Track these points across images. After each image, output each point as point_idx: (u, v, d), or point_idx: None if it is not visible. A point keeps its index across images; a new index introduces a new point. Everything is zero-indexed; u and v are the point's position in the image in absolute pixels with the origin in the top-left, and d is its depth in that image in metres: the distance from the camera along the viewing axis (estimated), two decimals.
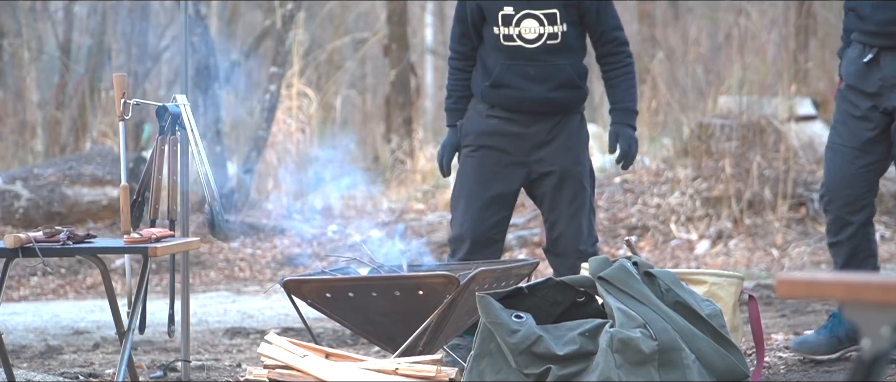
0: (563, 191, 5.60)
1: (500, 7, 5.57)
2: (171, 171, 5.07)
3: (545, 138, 5.61)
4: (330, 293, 4.89)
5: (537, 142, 5.61)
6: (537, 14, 5.56)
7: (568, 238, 5.61)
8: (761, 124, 11.46)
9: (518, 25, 5.57)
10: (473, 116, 5.69)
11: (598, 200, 11.63)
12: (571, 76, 5.60)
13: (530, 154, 5.62)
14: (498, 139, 5.62)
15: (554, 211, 5.62)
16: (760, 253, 10.63)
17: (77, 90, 14.71)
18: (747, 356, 5.33)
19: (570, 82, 5.60)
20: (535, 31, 5.57)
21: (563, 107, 5.62)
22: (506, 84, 5.59)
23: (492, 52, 5.62)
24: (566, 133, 5.62)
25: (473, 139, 5.66)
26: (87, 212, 11.37)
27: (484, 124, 5.65)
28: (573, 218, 5.60)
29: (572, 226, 5.59)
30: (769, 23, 13.35)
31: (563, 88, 5.59)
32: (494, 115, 5.63)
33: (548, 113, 5.61)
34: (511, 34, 5.57)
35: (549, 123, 5.61)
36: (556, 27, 5.56)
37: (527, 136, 5.61)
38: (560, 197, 5.61)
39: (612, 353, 4.12)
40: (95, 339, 7.45)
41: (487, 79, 5.61)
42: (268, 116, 12.85)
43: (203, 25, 12.30)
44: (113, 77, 5.15)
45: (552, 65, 5.57)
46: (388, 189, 14.08)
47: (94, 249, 4.74)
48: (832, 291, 2.67)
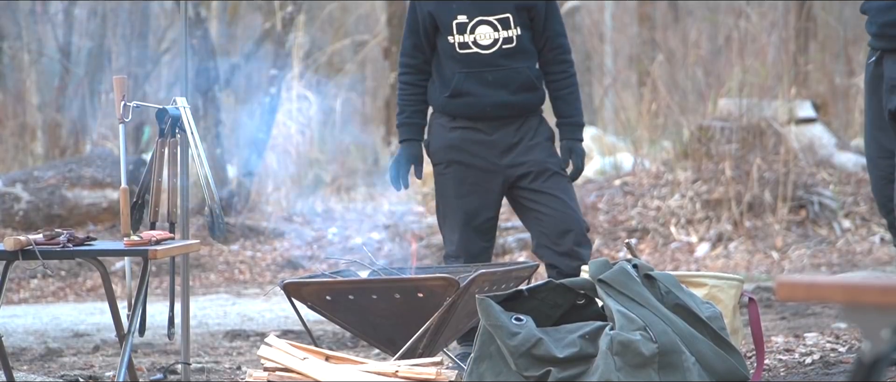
0: (547, 181, 5.62)
1: (454, 16, 5.61)
2: (171, 174, 5.07)
3: (511, 141, 5.64)
4: (330, 295, 4.89)
5: (504, 147, 5.64)
6: (491, 20, 5.61)
7: (564, 220, 5.59)
8: (761, 127, 11.46)
9: (473, 32, 5.61)
10: (437, 131, 5.71)
11: (597, 202, 11.63)
12: (530, 78, 5.65)
13: (501, 159, 5.64)
14: (466, 151, 5.64)
15: (540, 202, 5.62)
16: (760, 255, 10.63)
17: (77, 93, 14.72)
18: (747, 358, 5.33)
19: (528, 85, 5.64)
20: (490, 37, 5.61)
21: (523, 109, 5.66)
22: (465, 92, 5.62)
23: (448, 62, 5.64)
24: (530, 133, 5.67)
25: (443, 155, 5.69)
26: (87, 215, 11.37)
27: (449, 138, 5.67)
28: (564, 203, 5.60)
29: (567, 208, 5.60)
30: (769, 25, 13.35)
31: (522, 91, 5.64)
32: (458, 126, 5.66)
33: (510, 117, 5.65)
34: (466, 42, 5.61)
35: (512, 127, 5.65)
36: (510, 31, 5.60)
37: (493, 143, 5.64)
38: (545, 187, 5.61)
39: (612, 356, 4.12)
40: (95, 342, 7.45)
41: (446, 89, 5.64)
42: (268, 119, 12.85)
43: (203, 28, 12.30)
44: (113, 79, 5.15)
45: (510, 70, 5.61)
46: (388, 191, 14.08)
47: (94, 251, 4.74)
48: (832, 294, 2.67)
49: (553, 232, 5.59)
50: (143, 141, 13.41)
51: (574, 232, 5.57)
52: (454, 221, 5.66)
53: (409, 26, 5.72)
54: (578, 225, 5.59)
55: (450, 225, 5.68)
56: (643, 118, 13.12)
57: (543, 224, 5.61)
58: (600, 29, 18.40)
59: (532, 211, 5.64)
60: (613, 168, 12.69)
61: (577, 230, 5.57)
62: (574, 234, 5.56)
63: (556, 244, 5.57)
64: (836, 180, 11.51)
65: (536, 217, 5.63)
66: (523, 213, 5.70)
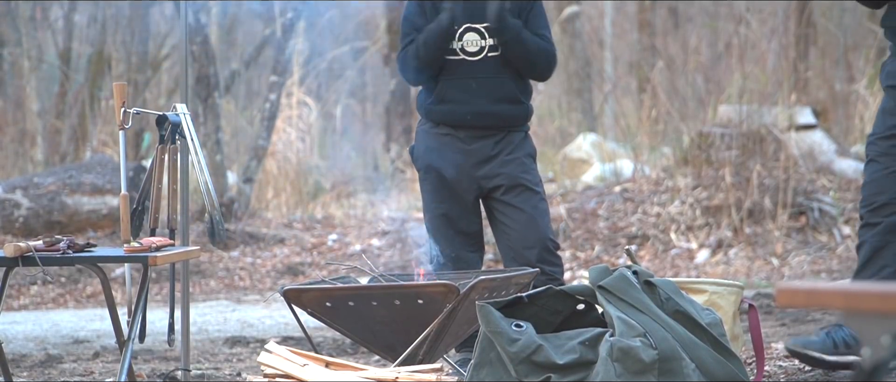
0: (518, 196, 5.61)
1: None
2: (171, 180, 5.08)
3: (489, 153, 5.64)
4: (330, 302, 4.89)
5: (480, 158, 5.63)
6: (478, 27, 5.62)
7: (528, 234, 5.57)
8: (761, 133, 11.46)
9: (461, 39, 5.62)
10: (421, 137, 5.74)
11: (597, 209, 11.63)
12: (513, 91, 5.64)
13: (476, 170, 5.63)
14: (443, 158, 5.64)
15: (507, 215, 5.62)
16: (760, 262, 10.63)
17: (77, 99, 14.72)
18: (747, 365, 5.33)
19: (511, 96, 5.64)
20: (476, 44, 5.62)
21: (504, 121, 5.64)
22: (449, 99, 5.63)
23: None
24: (509, 148, 5.65)
25: (423, 161, 5.71)
26: (87, 221, 11.37)
27: (430, 144, 5.67)
28: (531, 217, 5.58)
29: (533, 222, 5.57)
30: (769, 32, 13.36)
31: (504, 102, 5.63)
32: (439, 133, 5.67)
33: (490, 127, 5.64)
34: (454, 48, 5.62)
35: (492, 139, 5.64)
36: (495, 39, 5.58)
37: (470, 153, 5.63)
38: (515, 201, 5.61)
39: (612, 362, 4.12)
40: (95, 348, 7.44)
41: (431, 95, 5.66)
42: (268, 125, 12.86)
43: (203, 34, 12.30)
44: (113, 86, 5.16)
45: (494, 79, 5.61)
46: (388, 198, 14.08)
47: (94, 258, 4.74)
48: (832, 300, 2.67)
49: (518, 245, 5.59)
50: (143, 147, 13.41)
51: (538, 247, 5.56)
52: (433, 226, 5.68)
53: (411, 25, 5.67)
54: (543, 239, 5.57)
55: (430, 229, 5.70)
56: (643, 124, 13.12)
57: (509, 237, 5.62)
58: (600, 35, 18.41)
59: (500, 223, 5.66)
60: (613, 174, 12.68)
61: (540, 245, 5.56)
62: (538, 250, 5.55)
63: (521, 257, 5.57)
64: (836, 187, 11.52)
65: (503, 230, 5.64)
66: (493, 225, 5.71)
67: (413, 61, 5.61)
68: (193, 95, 12.12)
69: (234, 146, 15.02)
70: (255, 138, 13.06)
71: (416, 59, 5.60)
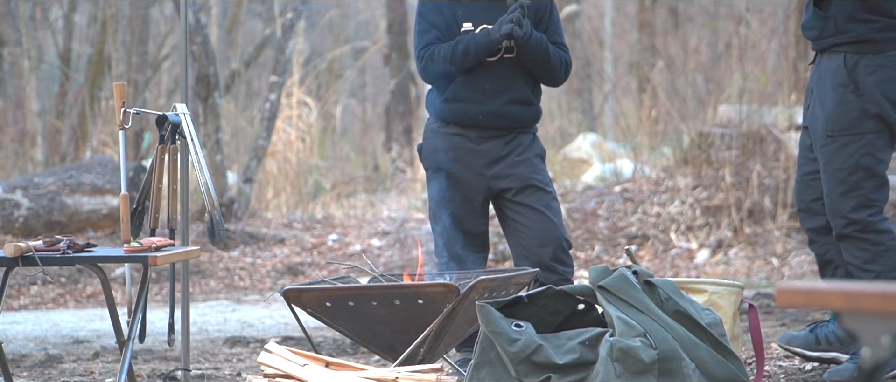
0: (530, 196, 5.60)
1: (460, 23, 5.60)
2: (171, 180, 5.08)
3: (499, 154, 5.62)
4: (330, 302, 4.89)
5: (491, 159, 5.62)
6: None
7: (542, 233, 5.56)
8: (761, 133, 11.46)
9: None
10: (429, 136, 5.71)
11: (597, 209, 11.63)
12: (526, 92, 5.63)
13: (486, 170, 5.62)
14: (453, 158, 5.63)
15: (520, 214, 5.61)
16: (760, 262, 10.63)
17: (77, 99, 14.72)
18: (747, 365, 5.33)
19: (523, 98, 5.63)
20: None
21: (515, 122, 5.64)
22: (461, 98, 5.61)
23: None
24: (519, 149, 5.64)
25: (432, 160, 5.68)
26: (87, 221, 11.37)
27: (439, 144, 5.65)
28: (545, 216, 5.57)
29: (547, 221, 5.57)
30: (769, 32, 13.36)
31: (516, 103, 5.62)
32: (449, 133, 5.65)
33: (501, 128, 5.62)
34: None
35: (502, 140, 5.63)
36: (512, 41, 5.57)
37: (480, 153, 5.62)
38: (527, 200, 5.60)
39: (612, 362, 4.12)
40: (95, 348, 7.44)
41: (443, 94, 5.63)
42: (268, 125, 12.86)
43: (203, 34, 12.30)
44: (113, 86, 5.16)
45: (507, 80, 5.60)
46: (388, 197, 14.09)
47: (94, 258, 4.74)
48: (832, 300, 2.67)
49: (531, 243, 5.57)
50: (143, 147, 13.41)
51: (552, 245, 5.55)
52: (439, 226, 5.67)
53: (429, 22, 5.65)
54: (558, 238, 5.57)
55: (436, 229, 5.69)
56: (643, 124, 13.12)
57: (523, 236, 5.60)
58: (600, 35, 18.41)
59: (513, 222, 5.64)
60: (613, 174, 12.69)
61: (555, 243, 5.55)
62: (552, 248, 5.54)
63: (534, 255, 5.55)
64: None
65: (517, 228, 5.63)
66: (505, 226, 5.69)
67: (444, 64, 5.57)
68: (193, 95, 12.12)
69: (234, 146, 15.02)
70: (255, 138, 13.06)
71: (449, 62, 5.56)
